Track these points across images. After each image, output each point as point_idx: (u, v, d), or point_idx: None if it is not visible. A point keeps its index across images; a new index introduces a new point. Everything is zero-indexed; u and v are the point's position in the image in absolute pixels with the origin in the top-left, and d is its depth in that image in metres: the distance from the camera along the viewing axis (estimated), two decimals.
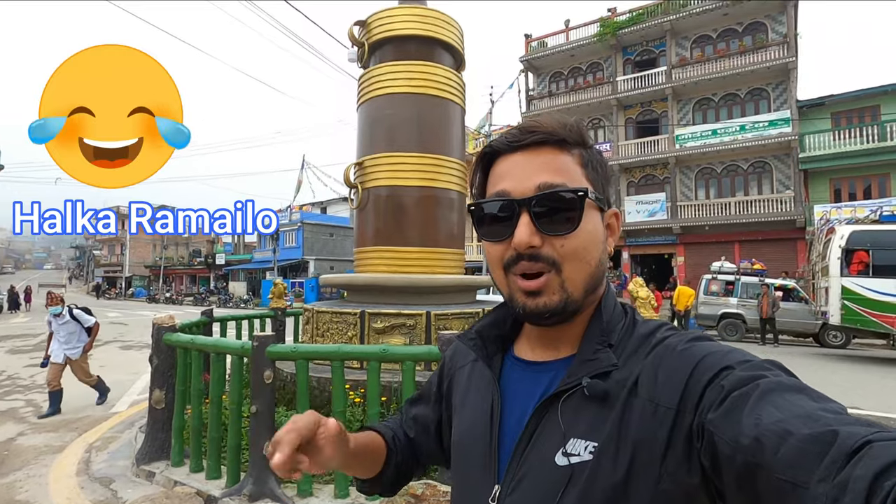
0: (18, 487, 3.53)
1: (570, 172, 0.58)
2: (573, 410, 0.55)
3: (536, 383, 0.61)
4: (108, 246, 57.20)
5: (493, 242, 0.59)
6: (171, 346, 3.75)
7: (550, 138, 0.58)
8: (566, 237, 0.56)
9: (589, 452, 0.52)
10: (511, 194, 0.57)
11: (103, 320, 19.12)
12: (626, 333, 0.59)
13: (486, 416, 0.62)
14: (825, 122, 18.16)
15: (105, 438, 4.63)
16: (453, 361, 0.75)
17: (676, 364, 0.51)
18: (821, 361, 9.71)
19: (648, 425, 0.50)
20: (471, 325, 0.77)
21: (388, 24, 5.34)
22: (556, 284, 0.56)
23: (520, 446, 0.57)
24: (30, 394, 6.49)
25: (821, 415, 0.39)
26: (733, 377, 0.46)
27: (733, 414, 0.43)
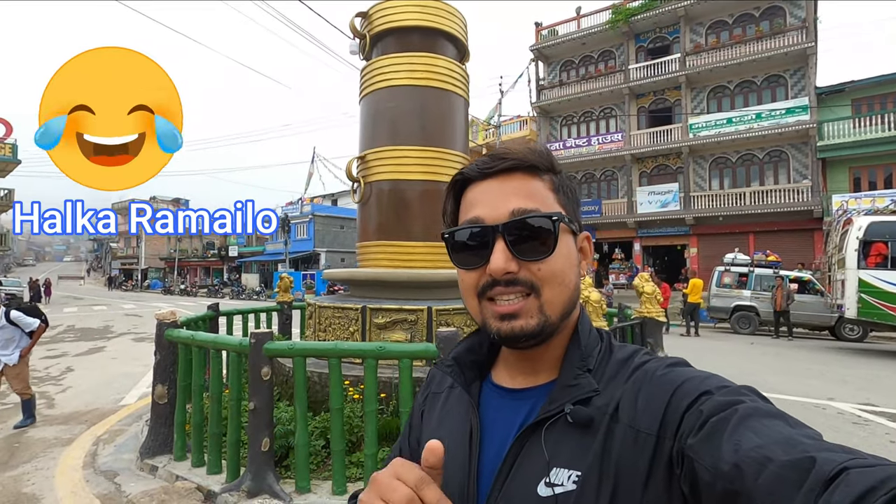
0: (25, 480, 3.60)
1: (542, 197, 0.58)
2: (556, 438, 0.54)
3: (516, 411, 0.60)
4: (125, 239, 58.20)
5: (467, 270, 0.58)
6: (173, 341, 3.78)
7: (521, 164, 0.58)
8: (543, 261, 0.55)
9: (573, 482, 0.51)
10: (484, 221, 0.57)
11: (119, 311, 19.61)
12: (603, 358, 0.58)
13: (464, 445, 0.60)
14: (845, 109, 17.64)
15: (112, 431, 4.70)
16: (428, 388, 0.74)
17: (656, 389, 0.51)
18: (835, 355, 9.50)
19: (630, 452, 0.49)
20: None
21: (389, 15, 5.26)
22: (534, 308, 0.55)
23: (500, 477, 0.55)
24: (43, 386, 6.62)
25: (799, 440, 0.39)
26: (712, 402, 0.46)
27: (713, 439, 0.43)
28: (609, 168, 22.24)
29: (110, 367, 8.02)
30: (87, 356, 9.07)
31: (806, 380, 7.13)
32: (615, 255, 21.44)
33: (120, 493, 3.34)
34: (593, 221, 21.70)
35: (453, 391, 0.68)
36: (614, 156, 21.35)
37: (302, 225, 34.88)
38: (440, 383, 0.72)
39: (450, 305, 4.39)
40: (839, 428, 4.89)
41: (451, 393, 0.68)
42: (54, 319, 16.57)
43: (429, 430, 0.68)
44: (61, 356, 9.05)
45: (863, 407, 5.64)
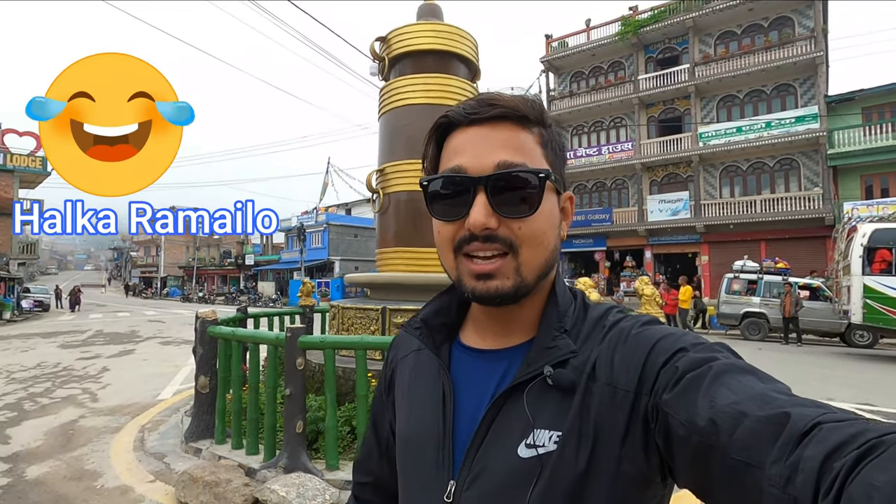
0: (86, 459, 4.04)
1: (530, 152, 0.55)
2: (536, 400, 0.53)
3: (490, 372, 0.59)
4: (144, 248, 59.72)
5: (445, 222, 0.56)
6: (214, 337, 4.21)
7: (511, 113, 0.55)
8: (524, 220, 0.53)
9: (553, 442, 0.51)
10: (467, 171, 0.54)
11: (142, 318, 20.29)
12: (578, 318, 0.58)
13: (437, 409, 0.59)
14: (855, 118, 17.72)
15: (154, 421, 5.15)
16: (395, 352, 0.71)
17: (632, 347, 0.52)
18: (843, 361, 9.64)
19: (608, 410, 0.50)
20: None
21: (406, 39, 5.71)
22: (511, 268, 0.53)
23: (476, 439, 0.55)
24: (84, 383, 7.11)
25: (772, 396, 0.40)
26: (687, 359, 0.47)
27: (688, 395, 0.43)
28: (619, 177, 22.49)
29: (143, 367, 8.52)
30: (120, 358, 9.60)
31: (809, 382, 7.34)
32: (626, 263, 21.61)
33: (170, 470, 3.76)
34: (604, 230, 21.94)
35: (421, 354, 0.65)
36: (625, 165, 21.61)
37: (317, 234, 35.52)
38: (406, 347, 0.69)
39: None
40: None
41: (419, 356, 0.65)
42: (82, 325, 17.35)
43: (401, 394, 0.66)
44: (95, 357, 9.59)
45: (861, 407, 5.87)
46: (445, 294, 0.66)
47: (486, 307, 0.59)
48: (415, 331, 0.65)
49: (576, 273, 22.84)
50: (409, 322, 0.67)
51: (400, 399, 0.66)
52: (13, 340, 12.83)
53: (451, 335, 0.65)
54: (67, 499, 3.31)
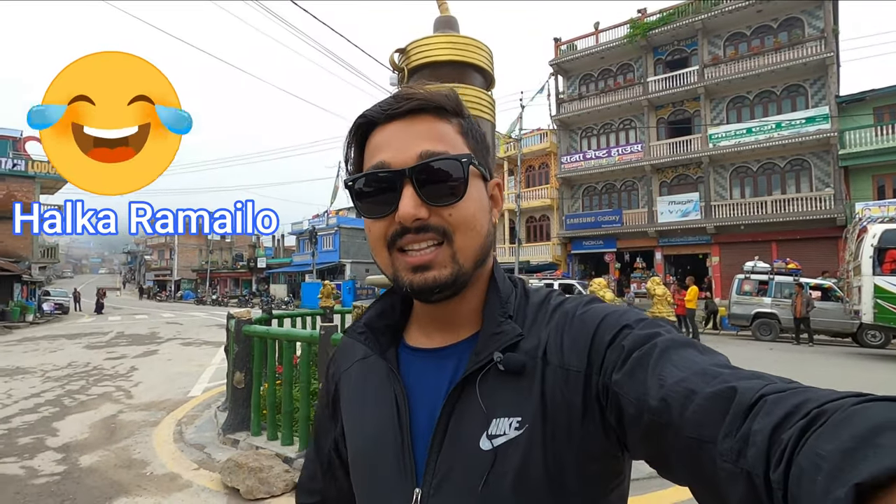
0: (132, 450, 4.33)
1: (451, 141, 0.55)
2: (490, 390, 0.52)
3: (440, 371, 0.57)
4: (158, 251, 60.66)
5: (374, 219, 0.55)
6: (249, 336, 4.48)
7: (427, 105, 0.55)
8: (454, 206, 0.53)
9: (514, 429, 0.50)
10: (391, 165, 0.54)
11: (158, 320, 20.72)
12: (520, 304, 0.58)
13: (391, 415, 0.57)
14: (867, 118, 17.70)
15: (189, 416, 5.43)
16: (336, 366, 0.69)
17: (579, 328, 0.52)
18: (853, 360, 9.72)
19: (563, 392, 0.50)
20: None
21: (425, 51, 5.92)
22: (447, 257, 0.53)
23: (435, 440, 0.53)
24: (117, 381, 7.44)
25: (717, 371, 0.41)
26: (632, 336, 0.48)
27: (636, 374, 0.44)
28: (629, 178, 22.59)
29: (169, 366, 8.85)
30: (145, 358, 9.95)
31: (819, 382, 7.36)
32: (637, 265, 21.69)
33: (211, 460, 4.03)
34: (614, 231, 22.06)
35: (366, 362, 0.63)
36: (634, 166, 21.72)
37: (328, 236, 35.91)
38: (349, 357, 0.67)
39: None
40: None
41: (365, 364, 0.63)
42: (103, 327, 17.83)
43: (347, 407, 0.64)
44: (122, 358, 9.94)
45: None
46: (387, 296, 0.64)
47: (428, 304, 0.57)
48: (359, 335, 0.62)
49: (586, 274, 22.96)
50: (352, 327, 0.64)
51: (348, 413, 0.64)
52: (40, 342, 13.28)
53: (397, 338, 0.63)
54: (121, 484, 3.59)
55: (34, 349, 11.63)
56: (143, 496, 3.37)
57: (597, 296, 0.60)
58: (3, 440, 4.63)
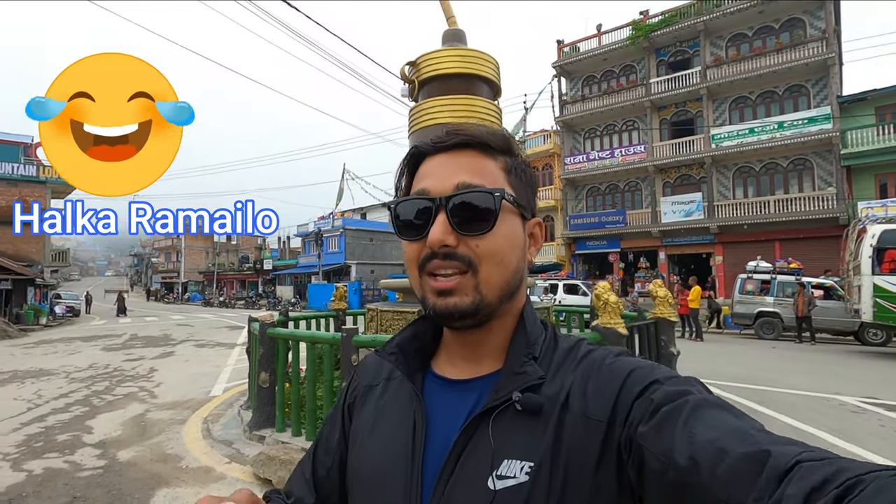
0: (165, 446, 4.61)
1: (490, 175, 0.58)
2: (505, 429, 0.52)
3: (461, 403, 0.58)
4: (165, 253, 61.26)
5: (410, 241, 0.58)
6: (273, 338, 4.75)
7: (473, 141, 0.58)
8: (481, 237, 0.55)
9: (525, 473, 0.50)
10: (430, 193, 0.57)
11: (169, 322, 21.07)
12: (548, 347, 0.59)
13: (407, 439, 0.58)
14: (869, 118, 17.84)
15: (214, 414, 5.71)
16: (360, 379, 0.70)
17: (606, 378, 0.52)
18: (855, 358, 9.91)
19: (581, 441, 0.50)
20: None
21: (434, 64, 6.22)
22: (469, 286, 0.55)
23: (445, 471, 0.54)
24: (139, 382, 7.73)
25: (750, 433, 0.40)
26: (662, 391, 0.47)
27: (664, 429, 0.43)
28: (633, 179, 22.79)
29: (187, 368, 9.14)
30: (163, 359, 10.25)
31: (819, 378, 7.67)
32: (640, 264, 21.89)
33: (240, 454, 4.30)
34: (618, 231, 22.25)
35: (391, 383, 0.65)
36: (637, 167, 21.91)
37: (333, 238, 36.21)
38: (376, 374, 0.68)
39: None
40: (838, 416, 5.50)
41: (389, 385, 0.65)
42: (116, 329, 18.19)
43: (363, 424, 0.64)
44: (140, 359, 10.25)
45: (865, 400, 6.21)
46: (421, 321, 0.66)
47: (456, 332, 0.60)
48: (389, 356, 0.63)
49: (590, 274, 23.19)
50: (384, 347, 0.65)
51: (362, 429, 0.64)
52: (57, 344, 13.62)
53: (425, 364, 0.64)
54: (161, 476, 3.86)
55: (53, 352, 11.96)
56: (183, 487, 3.65)
57: (627, 349, 0.60)
58: (42, 437, 4.92)
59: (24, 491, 3.62)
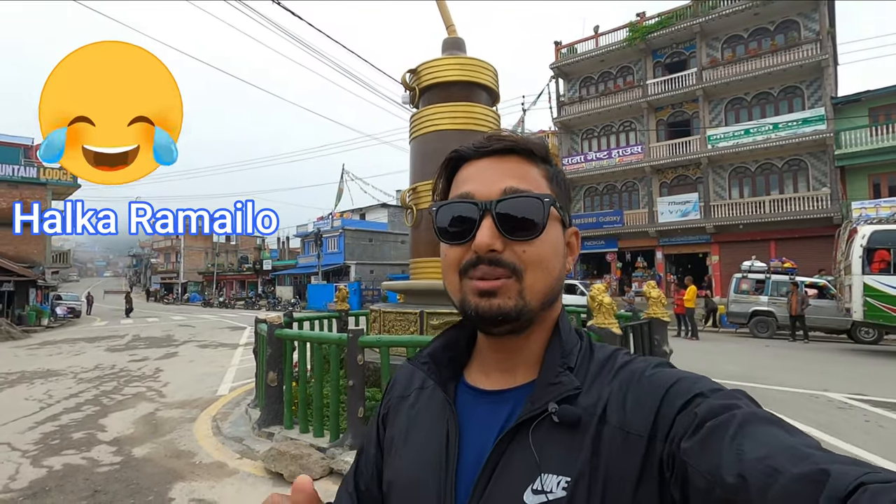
0: (177, 443, 4.79)
1: (535, 182, 0.57)
2: (542, 441, 0.51)
3: (494, 414, 0.57)
4: (164, 254, 61.36)
5: (451, 245, 0.57)
6: (281, 338, 4.93)
7: (517, 147, 0.58)
8: (529, 243, 0.54)
9: (562, 489, 0.48)
10: (475, 197, 0.56)
11: (170, 323, 21.22)
12: (584, 357, 0.57)
13: (440, 450, 0.57)
14: (862, 119, 18.08)
15: (222, 413, 5.89)
16: (392, 392, 0.70)
17: (645, 390, 0.50)
18: (847, 356, 10.13)
19: (620, 456, 0.47)
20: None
21: (434, 72, 6.42)
22: (514, 290, 0.53)
23: (479, 484, 0.52)
24: (146, 382, 7.90)
25: (806, 451, 0.37)
26: (707, 405, 0.45)
27: (710, 445, 0.41)
28: (630, 179, 23.01)
29: (192, 368, 9.31)
30: (167, 360, 10.42)
31: (809, 375, 7.88)
32: (638, 264, 22.11)
33: (251, 450, 4.49)
34: (616, 231, 22.47)
35: (423, 392, 0.64)
36: (635, 168, 22.13)
37: (333, 239, 36.37)
38: (407, 385, 0.68)
39: None
40: (824, 412, 5.71)
41: (422, 394, 0.65)
42: (118, 330, 18.34)
43: (396, 434, 0.64)
44: (145, 360, 10.42)
45: (852, 396, 6.42)
46: (454, 329, 0.66)
47: (492, 338, 0.59)
48: (422, 365, 0.63)
49: (588, 274, 23.41)
50: (417, 356, 0.65)
51: (396, 440, 0.63)
52: (61, 345, 13.78)
53: (458, 373, 0.64)
54: (176, 471, 4.04)
55: (58, 352, 12.12)
56: (199, 481, 3.83)
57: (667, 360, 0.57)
58: (58, 435, 5.09)
59: (47, 485, 3.79)
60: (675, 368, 0.53)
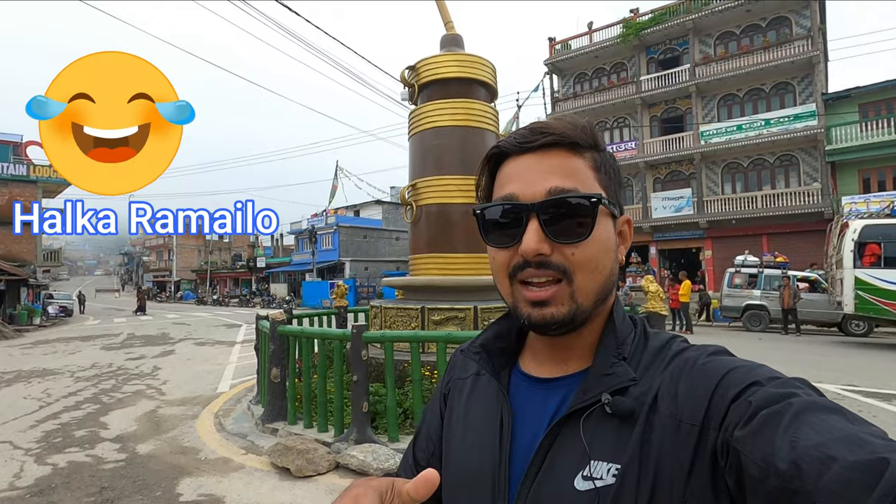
0: (181, 439, 4.80)
1: (582, 177, 0.55)
2: (592, 430, 0.51)
3: (546, 401, 0.57)
4: (157, 252, 60.87)
5: (499, 248, 0.56)
6: (284, 335, 4.95)
7: (562, 140, 0.55)
8: (577, 245, 0.53)
9: (612, 476, 0.48)
10: (519, 198, 0.55)
11: (164, 321, 21.11)
12: (638, 346, 0.56)
13: (494, 436, 0.58)
14: (852, 115, 18.30)
15: (224, 410, 5.90)
16: (451, 373, 0.71)
17: (699, 378, 0.49)
18: (838, 349, 10.30)
19: (671, 444, 0.47)
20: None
21: (433, 68, 6.43)
22: (565, 295, 0.53)
23: (532, 469, 0.53)
24: (145, 380, 7.88)
25: (865, 439, 0.36)
26: (762, 393, 0.43)
27: (764, 433, 0.40)
28: (624, 175, 23.08)
29: (190, 366, 9.30)
30: (164, 358, 10.39)
31: (802, 368, 8.01)
32: (632, 259, 22.27)
33: (255, 446, 4.51)
34: None
35: (479, 379, 0.65)
36: (628, 163, 22.21)
37: (327, 235, 36.26)
38: (463, 370, 0.69)
39: (492, 305, 5.49)
40: None
41: (478, 381, 0.65)
42: (112, 328, 18.22)
43: (455, 416, 0.65)
44: (141, 358, 10.38)
45: (845, 387, 6.55)
46: (504, 319, 0.65)
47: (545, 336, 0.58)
48: (474, 356, 0.64)
49: None
50: (468, 346, 0.67)
51: (453, 424, 0.65)
52: (55, 344, 13.67)
53: (511, 361, 0.64)
54: (182, 467, 4.06)
55: (52, 351, 12.04)
56: (205, 476, 3.86)
57: (724, 348, 0.55)
58: (60, 433, 5.09)
59: (53, 482, 3.80)
60: (732, 357, 0.52)
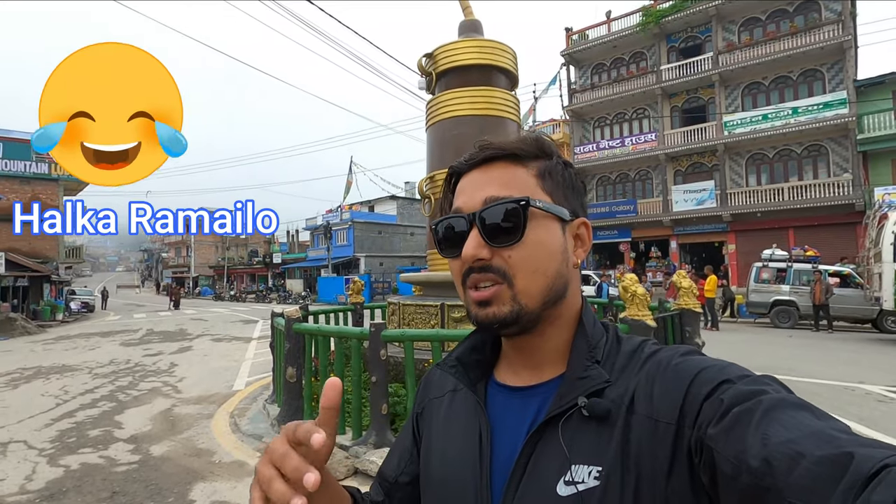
0: (195, 440, 4.67)
1: (521, 184, 0.58)
2: (571, 434, 0.52)
3: (524, 410, 0.59)
4: (175, 249, 61.80)
5: (453, 259, 0.60)
6: (300, 333, 4.78)
7: (500, 153, 0.59)
8: (513, 248, 0.55)
9: (594, 478, 0.49)
10: (463, 210, 0.58)
11: (182, 317, 21.29)
12: (611, 350, 0.58)
13: (474, 448, 0.59)
14: (886, 102, 17.52)
15: (240, 409, 5.78)
16: (426, 393, 0.72)
17: (672, 379, 0.50)
18: (875, 346, 9.83)
19: (650, 444, 0.48)
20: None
21: (452, 55, 6.17)
22: (506, 296, 0.55)
23: (514, 478, 0.54)
24: (161, 377, 7.83)
25: (832, 434, 0.37)
26: (733, 391, 0.44)
27: (735, 430, 0.41)
28: (643, 168, 22.59)
29: (207, 362, 9.24)
30: (182, 354, 10.36)
31: (839, 367, 7.61)
32: (652, 254, 21.75)
33: None
34: (629, 221, 22.11)
35: (456, 395, 0.66)
36: (648, 156, 21.71)
37: (342, 231, 36.32)
38: (440, 387, 0.70)
39: None
40: (864, 405, 5.47)
41: (455, 397, 0.66)
42: (131, 324, 18.41)
43: (436, 434, 0.66)
44: (159, 354, 10.38)
45: (891, 388, 6.16)
46: (479, 332, 0.66)
47: (508, 339, 0.61)
48: (450, 369, 0.65)
49: (601, 264, 23.09)
50: (444, 360, 0.67)
51: (433, 441, 0.66)
52: (76, 340, 13.82)
53: (486, 373, 0.65)
54: (195, 470, 3.92)
55: (73, 347, 12.14)
56: (219, 481, 3.71)
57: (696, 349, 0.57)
58: (74, 432, 5.01)
59: (65, 486, 3.69)
60: (703, 356, 0.54)
